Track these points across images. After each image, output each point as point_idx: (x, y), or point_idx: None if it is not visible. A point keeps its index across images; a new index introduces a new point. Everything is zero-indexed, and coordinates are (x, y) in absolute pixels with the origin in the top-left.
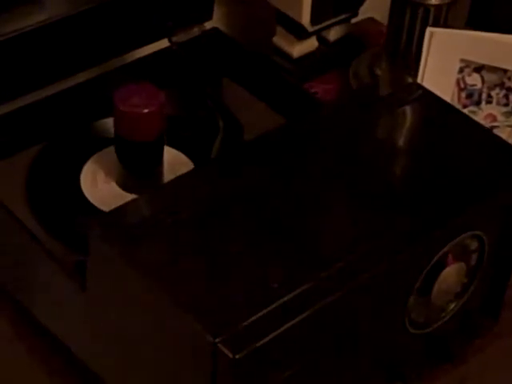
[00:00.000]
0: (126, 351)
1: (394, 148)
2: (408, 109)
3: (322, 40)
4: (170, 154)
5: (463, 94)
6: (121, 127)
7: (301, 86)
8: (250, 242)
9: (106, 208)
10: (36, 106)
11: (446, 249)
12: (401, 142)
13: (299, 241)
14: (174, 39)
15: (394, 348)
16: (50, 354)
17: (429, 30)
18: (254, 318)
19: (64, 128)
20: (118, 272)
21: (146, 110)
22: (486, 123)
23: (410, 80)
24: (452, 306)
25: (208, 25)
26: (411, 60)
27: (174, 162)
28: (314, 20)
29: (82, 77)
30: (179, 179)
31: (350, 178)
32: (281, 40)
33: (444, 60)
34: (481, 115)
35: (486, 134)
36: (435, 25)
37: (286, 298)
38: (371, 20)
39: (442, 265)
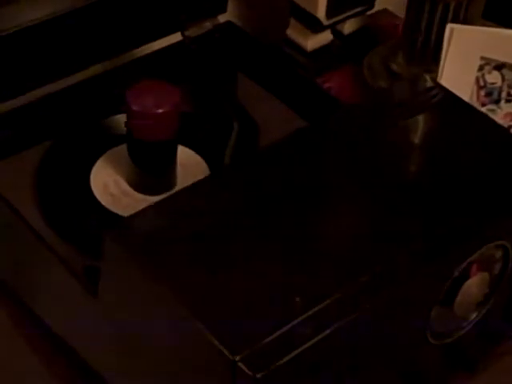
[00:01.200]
0: (137, 359)
1: (414, 155)
2: (428, 114)
3: (336, 33)
4: (182, 152)
5: (482, 92)
6: (133, 127)
7: (315, 81)
8: (270, 253)
9: (115, 209)
10: (44, 101)
11: (470, 259)
12: (421, 149)
13: (321, 253)
14: (187, 33)
15: (414, 359)
16: (56, 356)
17: (449, 26)
18: (275, 334)
19: (73, 125)
20: (133, 280)
21: (160, 111)
22: (505, 122)
23: (427, 78)
24: (474, 315)
25: (221, 18)
26: (429, 56)
27: (187, 161)
28: (329, 13)
29: (92, 71)
30: (196, 186)
31: (369, 186)
32: (294, 33)
33: (464, 57)
34: (500, 114)
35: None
36: (454, 21)
37: (308, 313)
38: (386, 12)
39: (465, 275)
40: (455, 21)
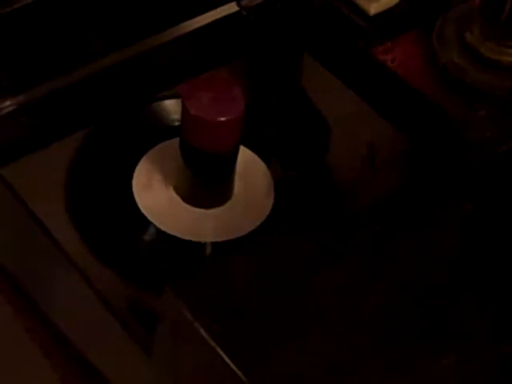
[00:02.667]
0: None
1: None
2: None
3: None
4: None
5: None
6: (190, 133)
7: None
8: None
9: (163, 225)
10: (80, 85)
11: None
12: None
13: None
14: (244, 2)
15: None
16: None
17: None
18: None
19: (113, 112)
20: (198, 349)
21: (223, 118)
22: None
23: None
24: None
25: None
26: None
27: (246, 165)
28: None
29: (134, 49)
30: (273, 239)
31: None
32: None
33: None
34: None
35: None
36: None
37: None
38: None
39: None
40: None
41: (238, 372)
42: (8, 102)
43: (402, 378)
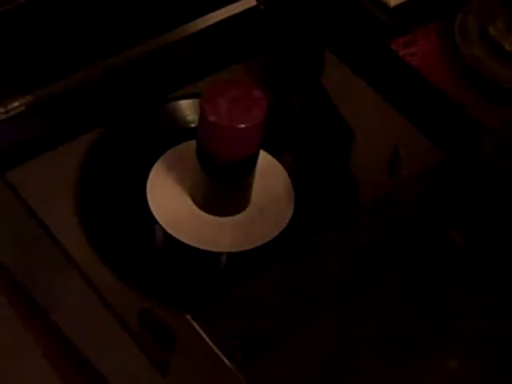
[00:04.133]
0: None
1: None
2: None
3: None
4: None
5: None
6: (207, 139)
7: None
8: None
9: (173, 231)
10: (90, 85)
11: None
12: None
13: None
14: None
15: None
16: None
17: None
18: None
19: (125, 112)
20: (220, 377)
21: (242, 125)
22: None
23: None
24: None
25: None
26: None
27: (265, 170)
28: None
29: (148, 47)
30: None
31: None
32: None
33: None
34: None
35: None
36: None
37: None
38: None
39: None
40: None
41: None
42: (16, 103)
43: (404, 380)
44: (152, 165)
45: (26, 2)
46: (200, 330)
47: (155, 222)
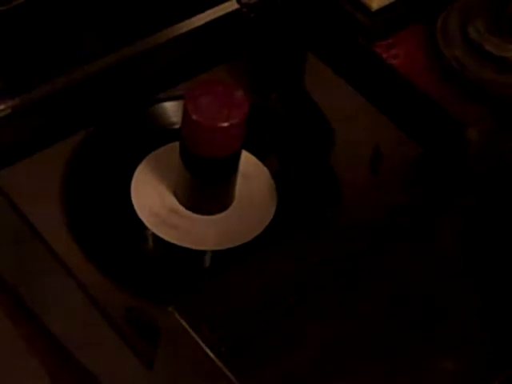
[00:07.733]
0: None
1: None
2: None
3: None
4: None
5: None
6: (190, 138)
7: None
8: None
9: (160, 232)
10: (76, 87)
11: None
12: None
13: None
14: (244, 0)
15: None
16: None
17: None
18: None
19: (111, 114)
20: (203, 368)
21: (224, 124)
22: None
23: None
24: None
25: None
26: None
27: (248, 169)
28: None
29: (132, 49)
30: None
31: None
32: None
33: None
34: None
35: None
36: None
37: None
38: None
39: None
40: None
41: None
42: (2, 106)
43: (401, 381)
44: (137, 165)
45: (7, 9)
46: (183, 322)
47: (140, 221)
